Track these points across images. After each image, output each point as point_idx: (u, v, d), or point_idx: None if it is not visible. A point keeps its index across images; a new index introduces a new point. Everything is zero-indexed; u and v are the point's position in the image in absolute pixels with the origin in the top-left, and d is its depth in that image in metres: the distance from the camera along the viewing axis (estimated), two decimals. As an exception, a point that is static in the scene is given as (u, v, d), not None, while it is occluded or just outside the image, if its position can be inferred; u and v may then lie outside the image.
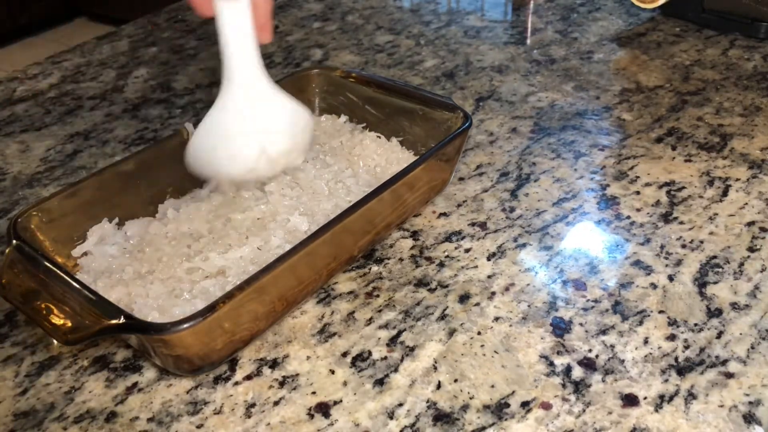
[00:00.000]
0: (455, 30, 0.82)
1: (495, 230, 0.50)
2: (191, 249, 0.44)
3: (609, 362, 0.39)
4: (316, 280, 0.43)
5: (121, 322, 0.35)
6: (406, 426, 0.36)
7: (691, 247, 0.47)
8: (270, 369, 0.40)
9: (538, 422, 0.36)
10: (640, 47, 0.75)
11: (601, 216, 0.50)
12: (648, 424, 0.36)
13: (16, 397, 0.39)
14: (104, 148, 0.62)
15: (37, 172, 0.60)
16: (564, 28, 0.81)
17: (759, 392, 0.37)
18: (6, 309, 0.46)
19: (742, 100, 0.64)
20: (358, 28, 0.84)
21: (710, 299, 0.43)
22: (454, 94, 0.68)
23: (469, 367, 0.39)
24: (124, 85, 0.74)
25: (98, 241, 0.45)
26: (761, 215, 0.50)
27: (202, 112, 0.67)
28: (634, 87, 0.67)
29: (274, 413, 0.37)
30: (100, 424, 0.37)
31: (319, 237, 0.40)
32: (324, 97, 0.59)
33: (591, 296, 0.44)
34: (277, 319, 0.42)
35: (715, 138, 0.59)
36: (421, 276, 0.46)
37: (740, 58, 0.71)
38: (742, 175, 0.54)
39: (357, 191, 0.49)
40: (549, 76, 0.70)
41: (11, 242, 0.40)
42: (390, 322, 0.43)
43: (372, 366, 0.40)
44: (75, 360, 0.41)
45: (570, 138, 0.60)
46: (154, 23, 0.88)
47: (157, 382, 0.40)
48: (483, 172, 0.56)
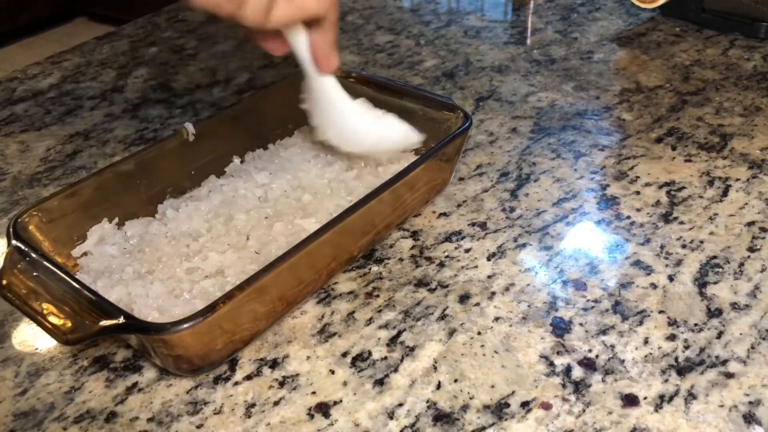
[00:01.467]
0: (455, 30, 0.82)
1: (495, 230, 0.50)
2: (190, 249, 0.44)
3: (609, 362, 0.39)
4: (316, 280, 0.43)
5: (121, 322, 0.35)
6: (406, 426, 0.36)
7: (691, 247, 0.47)
8: (270, 369, 0.40)
9: (538, 422, 0.36)
10: (640, 47, 0.75)
11: (601, 216, 0.50)
12: (648, 424, 0.36)
13: (16, 397, 0.39)
14: (104, 148, 0.62)
15: (37, 172, 0.60)
16: (564, 28, 0.81)
17: (759, 392, 0.37)
18: (6, 309, 0.46)
19: (742, 100, 0.64)
20: (358, 28, 0.84)
21: (710, 299, 0.43)
22: (454, 94, 0.68)
23: (469, 367, 0.39)
24: (124, 85, 0.74)
25: (98, 241, 0.45)
26: (761, 215, 0.50)
27: (202, 112, 0.67)
28: (634, 87, 0.67)
29: (274, 413, 0.37)
30: (100, 424, 0.37)
31: (319, 237, 0.40)
32: (324, 97, 0.59)
33: (591, 296, 0.44)
34: (277, 319, 0.42)
35: (715, 138, 0.59)
36: (421, 276, 0.46)
37: (740, 58, 0.71)
38: (742, 175, 0.54)
39: (359, 191, 0.49)
40: (549, 76, 0.70)
41: (11, 242, 0.40)
42: (390, 322, 0.43)
43: (372, 366, 0.40)
44: (75, 360, 0.41)
45: (570, 138, 0.60)
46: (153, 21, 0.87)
47: (157, 382, 0.40)
48: (483, 172, 0.56)
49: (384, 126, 0.49)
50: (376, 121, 0.49)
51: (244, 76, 0.73)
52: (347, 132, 0.49)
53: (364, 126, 0.49)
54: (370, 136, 0.49)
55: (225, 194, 0.49)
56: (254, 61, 0.76)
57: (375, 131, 0.49)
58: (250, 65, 0.76)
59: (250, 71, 0.74)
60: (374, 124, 0.49)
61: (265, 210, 0.47)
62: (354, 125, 0.49)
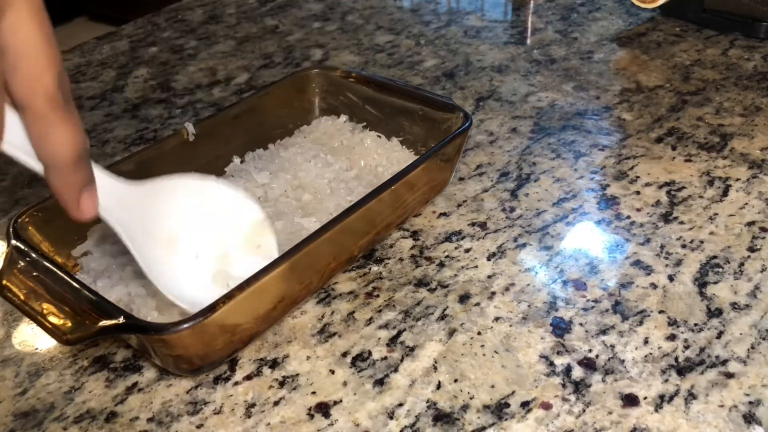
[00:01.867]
0: (455, 30, 0.82)
1: (495, 230, 0.50)
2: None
3: (609, 362, 0.39)
4: (316, 280, 0.43)
5: (121, 322, 0.35)
6: (406, 426, 0.36)
7: (691, 247, 0.47)
8: (270, 369, 0.40)
9: (538, 422, 0.36)
10: (640, 47, 0.75)
11: (601, 216, 0.50)
12: (648, 424, 0.36)
13: (16, 397, 0.39)
14: (104, 148, 0.62)
15: (37, 172, 0.60)
16: (564, 28, 0.81)
17: (759, 392, 0.37)
18: (6, 309, 0.46)
19: (742, 100, 0.64)
20: (358, 28, 0.84)
21: (710, 299, 0.43)
22: (454, 94, 0.68)
23: (469, 367, 0.39)
24: (124, 85, 0.74)
25: (98, 241, 0.45)
26: (761, 215, 0.50)
27: (202, 112, 0.67)
28: (634, 87, 0.67)
29: (274, 413, 0.37)
30: (100, 424, 0.37)
31: (319, 237, 0.40)
32: (324, 97, 0.59)
33: (591, 296, 0.44)
34: (277, 319, 0.42)
35: (715, 138, 0.59)
36: (421, 276, 0.46)
37: (740, 58, 0.71)
38: (742, 175, 0.54)
39: (359, 191, 0.49)
40: (549, 76, 0.70)
41: (11, 242, 0.40)
42: (390, 322, 0.43)
43: (372, 366, 0.40)
44: (75, 360, 0.41)
45: (570, 138, 0.60)
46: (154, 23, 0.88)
47: (157, 382, 0.40)
48: (483, 172, 0.56)
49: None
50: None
51: (244, 76, 0.73)
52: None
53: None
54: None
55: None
56: (254, 61, 0.76)
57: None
58: (250, 65, 0.76)
59: (250, 71, 0.74)
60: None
61: (265, 210, 0.47)
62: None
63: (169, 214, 0.39)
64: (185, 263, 0.39)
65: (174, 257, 0.39)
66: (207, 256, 0.40)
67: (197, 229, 0.40)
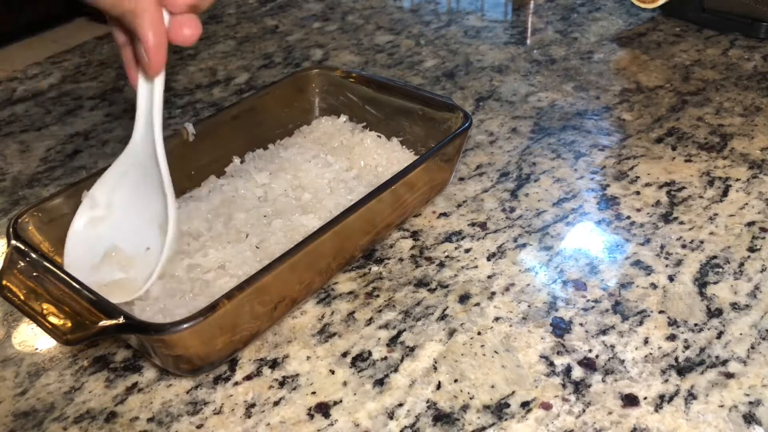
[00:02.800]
0: (455, 30, 0.82)
1: (495, 230, 0.50)
2: (191, 248, 0.44)
3: (609, 362, 0.39)
4: (316, 280, 0.43)
5: (121, 322, 0.35)
6: (406, 426, 0.36)
7: (691, 247, 0.47)
8: (270, 369, 0.40)
9: (538, 422, 0.36)
10: (640, 47, 0.75)
11: (601, 216, 0.50)
12: (648, 424, 0.36)
13: (16, 397, 0.39)
14: (104, 148, 0.62)
15: (37, 172, 0.60)
16: (564, 28, 0.81)
17: (759, 392, 0.37)
18: (6, 309, 0.46)
19: (742, 100, 0.64)
20: (358, 28, 0.84)
21: (710, 299, 0.43)
22: (454, 94, 0.68)
23: (469, 367, 0.39)
24: (124, 85, 0.74)
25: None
26: (761, 215, 0.50)
27: (202, 112, 0.67)
28: (634, 87, 0.67)
29: (274, 413, 0.37)
30: (100, 424, 0.37)
31: (319, 237, 0.40)
32: (324, 97, 0.59)
33: (591, 296, 0.44)
34: (277, 319, 0.42)
35: (715, 138, 0.59)
36: (421, 276, 0.46)
37: (740, 58, 0.71)
38: (742, 175, 0.54)
39: (359, 191, 0.49)
40: (549, 76, 0.70)
41: (11, 242, 0.40)
42: (390, 322, 0.43)
43: (372, 366, 0.40)
44: (75, 360, 0.41)
45: (570, 138, 0.60)
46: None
47: (157, 382, 0.40)
48: (483, 172, 0.56)
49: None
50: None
51: (244, 76, 0.73)
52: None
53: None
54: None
55: (225, 194, 0.49)
56: (254, 61, 0.76)
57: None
58: (250, 65, 0.76)
59: (250, 71, 0.74)
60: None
61: (265, 209, 0.47)
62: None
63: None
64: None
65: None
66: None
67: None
